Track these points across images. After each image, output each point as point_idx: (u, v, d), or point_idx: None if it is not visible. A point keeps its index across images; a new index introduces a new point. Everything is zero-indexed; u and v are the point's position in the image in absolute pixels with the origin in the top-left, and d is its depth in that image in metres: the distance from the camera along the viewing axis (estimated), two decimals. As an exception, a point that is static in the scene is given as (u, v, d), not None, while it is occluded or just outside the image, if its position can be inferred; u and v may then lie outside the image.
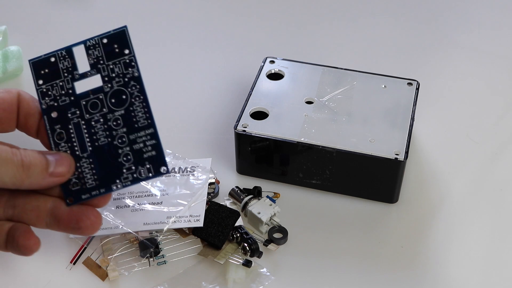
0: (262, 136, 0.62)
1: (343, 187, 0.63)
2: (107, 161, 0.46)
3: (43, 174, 0.44)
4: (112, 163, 0.46)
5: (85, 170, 0.46)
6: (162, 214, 0.58)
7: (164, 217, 0.58)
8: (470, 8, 0.89)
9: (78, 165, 0.46)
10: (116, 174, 0.46)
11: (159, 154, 0.46)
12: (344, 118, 0.63)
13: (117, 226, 0.57)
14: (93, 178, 0.46)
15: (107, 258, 0.56)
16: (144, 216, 0.58)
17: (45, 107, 0.47)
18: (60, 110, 0.47)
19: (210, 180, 0.62)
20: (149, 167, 0.46)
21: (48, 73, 0.47)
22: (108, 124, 0.46)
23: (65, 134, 0.46)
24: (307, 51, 0.81)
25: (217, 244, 0.57)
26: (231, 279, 0.55)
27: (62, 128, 0.47)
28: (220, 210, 0.58)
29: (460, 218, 0.62)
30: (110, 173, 0.46)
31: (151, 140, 0.46)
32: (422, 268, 0.58)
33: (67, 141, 0.46)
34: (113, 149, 0.46)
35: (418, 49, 0.82)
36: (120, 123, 0.46)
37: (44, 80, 0.47)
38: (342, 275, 0.57)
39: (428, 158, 0.68)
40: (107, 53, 0.47)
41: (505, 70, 0.79)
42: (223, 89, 0.75)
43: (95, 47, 0.47)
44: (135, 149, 0.46)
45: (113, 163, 0.46)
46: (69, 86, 0.47)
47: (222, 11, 0.88)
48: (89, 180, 0.46)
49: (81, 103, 0.46)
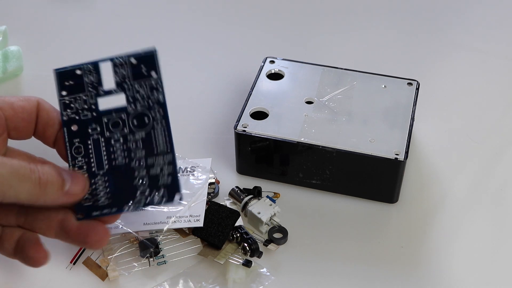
0: (262, 136, 0.62)
1: (343, 187, 0.63)
2: (122, 181, 0.46)
3: (58, 192, 0.44)
4: (127, 184, 0.46)
5: (99, 188, 0.46)
6: (162, 214, 0.58)
7: (164, 217, 0.58)
8: (470, 8, 0.89)
9: (92, 181, 0.46)
10: (129, 196, 0.46)
11: (175, 181, 0.46)
12: (344, 118, 0.63)
13: (117, 226, 0.57)
14: (106, 196, 0.46)
15: (107, 258, 0.56)
16: (144, 216, 0.58)
17: (66, 119, 0.46)
18: (81, 124, 0.46)
19: (210, 180, 0.62)
20: (163, 194, 0.46)
21: (73, 85, 0.46)
22: (127, 145, 0.46)
23: (83, 149, 0.46)
24: (307, 51, 0.81)
25: (217, 244, 0.57)
26: (231, 279, 0.55)
27: (81, 142, 0.46)
28: (220, 210, 0.58)
29: (460, 218, 0.62)
30: (124, 194, 0.46)
31: (168, 166, 0.46)
32: (422, 268, 0.58)
33: (85, 156, 0.46)
34: (130, 171, 0.46)
35: (418, 49, 0.82)
36: (140, 146, 0.46)
37: (67, 92, 0.46)
38: (342, 275, 0.57)
39: (428, 158, 0.68)
40: (134, 73, 0.46)
41: (505, 70, 0.79)
42: (223, 89, 0.75)
43: (123, 66, 0.46)
44: (151, 174, 0.46)
45: (128, 184, 0.46)
46: (93, 101, 0.46)
47: (222, 11, 0.88)
48: (102, 198, 0.46)
49: (102, 120, 0.46)
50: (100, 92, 0.46)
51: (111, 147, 0.46)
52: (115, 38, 0.83)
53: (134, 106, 0.46)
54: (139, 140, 0.46)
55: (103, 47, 0.80)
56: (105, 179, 0.46)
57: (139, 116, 0.46)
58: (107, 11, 0.88)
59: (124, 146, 0.46)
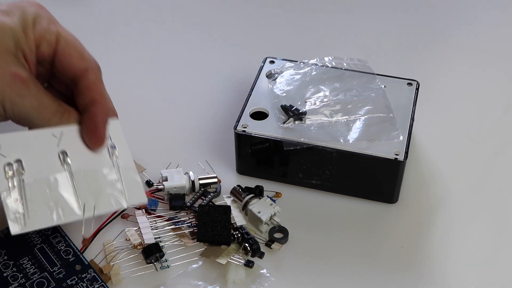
0: (262, 136, 0.62)
1: (343, 187, 0.63)
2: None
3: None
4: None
5: None
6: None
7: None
8: (470, 8, 0.89)
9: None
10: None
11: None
12: (344, 118, 0.63)
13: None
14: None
15: (110, 264, 0.56)
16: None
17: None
18: None
19: (212, 180, 0.62)
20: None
21: None
22: None
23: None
24: (307, 51, 0.81)
25: (225, 241, 0.57)
26: (231, 280, 0.55)
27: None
28: (211, 210, 0.58)
29: (460, 218, 0.62)
30: None
31: None
32: (422, 268, 0.58)
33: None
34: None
35: (418, 49, 0.83)
36: None
37: None
38: (342, 275, 0.57)
39: (428, 158, 0.68)
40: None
41: (505, 70, 0.79)
42: (223, 89, 0.75)
43: None
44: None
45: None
46: None
47: (222, 11, 0.88)
48: None
49: None
50: None
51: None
52: (115, 38, 0.83)
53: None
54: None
55: (103, 46, 0.80)
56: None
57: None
58: (107, 11, 0.88)
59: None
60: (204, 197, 0.61)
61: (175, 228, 0.59)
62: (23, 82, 0.48)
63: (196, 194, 0.61)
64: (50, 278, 0.54)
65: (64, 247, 0.57)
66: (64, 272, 0.55)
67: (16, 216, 0.48)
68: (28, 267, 0.55)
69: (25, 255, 0.56)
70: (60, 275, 0.54)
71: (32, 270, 0.55)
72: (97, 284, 0.54)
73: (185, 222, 0.59)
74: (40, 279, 0.54)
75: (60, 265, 0.55)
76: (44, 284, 0.54)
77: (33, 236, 0.57)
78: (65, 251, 0.56)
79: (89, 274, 0.55)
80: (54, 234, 0.57)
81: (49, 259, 0.56)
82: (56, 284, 0.54)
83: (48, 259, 0.56)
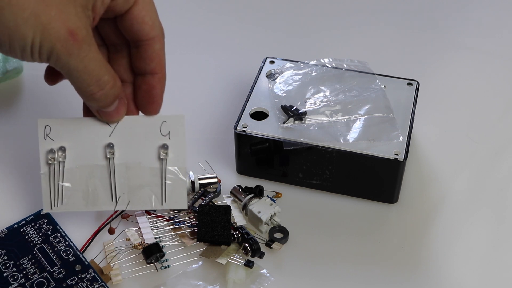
0: (262, 136, 0.62)
1: (343, 187, 0.63)
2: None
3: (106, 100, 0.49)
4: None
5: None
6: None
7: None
8: (470, 8, 0.89)
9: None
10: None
11: None
12: (344, 118, 0.63)
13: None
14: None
15: (110, 264, 0.56)
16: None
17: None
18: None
19: (212, 180, 0.62)
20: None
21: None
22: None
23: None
24: (307, 51, 0.81)
25: (225, 241, 0.57)
26: (231, 280, 0.55)
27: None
28: (211, 210, 0.58)
29: (460, 218, 0.62)
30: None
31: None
32: (422, 268, 0.58)
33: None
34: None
35: (418, 49, 0.83)
36: None
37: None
38: (341, 275, 0.57)
39: (428, 158, 0.68)
40: None
41: (505, 70, 0.79)
42: (223, 89, 0.75)
43: None
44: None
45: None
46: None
47: (222, 11, 0.88)
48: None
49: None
50: None
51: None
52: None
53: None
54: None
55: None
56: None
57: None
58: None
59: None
60: (204, 197, 0.61)
61: (175, 228, 0.59)
62: (76, 42, 0.45)
63: (196, 194, 0.61)
64: (50, 278, 0.54)
65: (64, 247, 0.57)
66: (64, 272, 0.55)
67: (50, 196, 0.51)
68: (28, 267, 0.55)
69: (25, 255, 0.56)
70: (60, 275, 0.54)
71: (32, 270, 0.55)
72: (97, 284, 0.54)
73: (185, 222, 0.59)
74: (40, 279, 0.54)
75: (60, 265, 0.55)
76: (44, 284, 0.54)
77: (33, 236, 0.57)
78: (65, 251, 0.56)
79: (89, 274, 0.55)
80: (54, 234, 0.58)
81: (49, 259, 0.56)
82: (56, 284, 0.54)
83: (48, 259, 0.56)
